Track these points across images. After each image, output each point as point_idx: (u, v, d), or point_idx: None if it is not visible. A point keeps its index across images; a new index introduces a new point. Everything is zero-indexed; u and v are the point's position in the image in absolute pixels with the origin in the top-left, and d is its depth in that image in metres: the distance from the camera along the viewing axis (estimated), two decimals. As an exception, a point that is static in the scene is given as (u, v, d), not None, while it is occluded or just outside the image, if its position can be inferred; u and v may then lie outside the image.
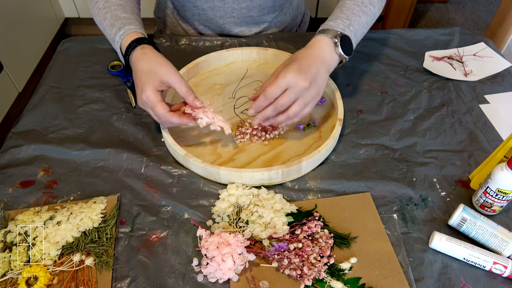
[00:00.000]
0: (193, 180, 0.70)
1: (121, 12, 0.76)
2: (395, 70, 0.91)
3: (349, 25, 0.73)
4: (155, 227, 0.64)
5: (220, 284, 0.57)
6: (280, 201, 0.65)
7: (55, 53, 0.97)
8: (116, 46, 0.74)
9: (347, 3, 0.77)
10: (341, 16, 0.74)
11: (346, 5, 0.76)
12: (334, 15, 0.75)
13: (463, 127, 0.79)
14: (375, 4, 0.79)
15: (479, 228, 0.60)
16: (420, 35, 1.01)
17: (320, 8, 2.24)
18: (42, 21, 2.10)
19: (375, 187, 0.69)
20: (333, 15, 0.76)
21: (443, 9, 2.64)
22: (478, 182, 0.68)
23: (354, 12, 0.75)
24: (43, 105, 0.83)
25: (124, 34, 0.72)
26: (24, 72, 1.92)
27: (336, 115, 0.77)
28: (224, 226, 0.62)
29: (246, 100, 0.83)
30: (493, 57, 0.94)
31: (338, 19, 0.73)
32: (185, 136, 0.76)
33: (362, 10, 0.76)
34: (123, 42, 0.72)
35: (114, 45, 0.75)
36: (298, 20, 1.10)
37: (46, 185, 0.69)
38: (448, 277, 0.58)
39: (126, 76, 0.88)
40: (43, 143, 0.75)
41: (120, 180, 0.70)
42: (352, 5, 0.76)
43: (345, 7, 0.76)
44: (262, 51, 0.90)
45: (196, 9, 0.95)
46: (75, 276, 0.58)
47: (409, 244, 0.62)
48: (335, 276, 0.57)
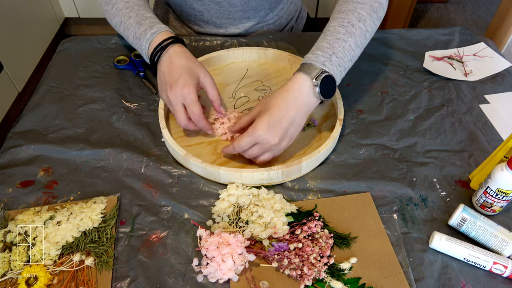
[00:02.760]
0: (193, 180, 0.70)
1: (145, 12, 0.78)
2: (395, 70, 0.91)
3: (331, 55, 0.66)
4: (155, 227, 0.64)
5: (220, 284, 0.57)
6: (280, 201, 0.65)
7: (55, 53, 0.97)
8: (143, 43, 0.74)
9: (331, 26, 0.70)
10: (323, 46, 0.67)
11: (330, 28, 0.70)
12: (317, 44, 0.69)
13: (463, 127, 0.79)
14: (366, 19, 0.70)
15: (479, 228, 0.60)
16: (420, 35, 1.01)
17: (320, 8, 2.24)
18: (42, 21, 2.10)
19: (375, 187, 0.69)
20: (317, 43, 0.69)
21: (443, 9, 2.64)
22: (478, 182, 0.68)
23: (338, 36, 0.68)
24: (43, 105, 0.83)
25: (157, 32, 0.73)
26: (24, 72, 1.92)
27: (336, 115, 0.77)
28: (224, 226, 0.62)
29: (246, 100, 0.83)
30: (493, 57, 0.94)
31: (319, 49, 0.67)
32: (185, 136, 0.76)
33: (348, 31, 0.68)
34: (156, 38, 0.73)
35: (139, 42, 0.75)
36: (294, 16, 1.10)
37: (46, 185, 0.69)
38: (448, 277, 0.58)
39: (137, 68, 0.90)
40: (43, 143, 0.75)
41: (120, 180, 0.70)
42: (337, 27, 0.69)
43: (329, 31, 0.69)
44: (262, 51, 0.90)
45: (193, 11, 0.96)
46: (75, 276, 0.58)
47: (409, 244, 0.62)
48: (335, 276, 0.57)
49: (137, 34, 0.75)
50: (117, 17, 0.79)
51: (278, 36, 0.99)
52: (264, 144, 0.65)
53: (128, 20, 0.77)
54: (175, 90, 0.68)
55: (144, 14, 0.77)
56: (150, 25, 0.74)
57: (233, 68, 0.90)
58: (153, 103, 0.84)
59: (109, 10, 0.81)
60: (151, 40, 0.73)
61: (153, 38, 0.73)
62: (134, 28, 0.75)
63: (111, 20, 0.82)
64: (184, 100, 0.69)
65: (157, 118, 0.79)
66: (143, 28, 0.74)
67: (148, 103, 0.84)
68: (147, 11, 0.78)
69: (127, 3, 0.78)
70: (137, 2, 0.79)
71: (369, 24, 0.71)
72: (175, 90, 0.68)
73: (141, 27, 0.75)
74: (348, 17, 0.70)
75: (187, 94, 0.68)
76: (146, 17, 0.76)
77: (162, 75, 0.71)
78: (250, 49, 0.91)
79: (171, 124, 0.78)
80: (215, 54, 0.89)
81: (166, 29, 0.74)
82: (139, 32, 0.75)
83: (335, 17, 0.71)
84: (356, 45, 0.70)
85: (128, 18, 0.77)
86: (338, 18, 0.71)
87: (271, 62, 0.92)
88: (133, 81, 0.89)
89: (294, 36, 1.00)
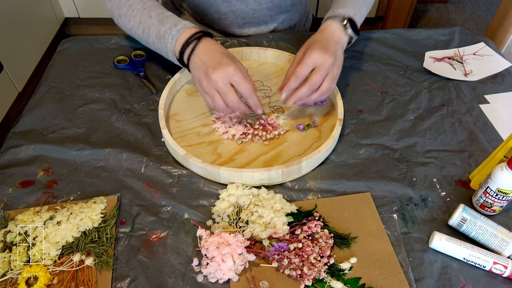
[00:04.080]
0: (193, 180, 0.70)
1: (165, 10, 0.77)
2: (395, 70, 0.91)
3: (355, 14, 0.78)
4: (155, 227, 0.64)
5: (220, 284, 0.57)
6: (280, 201, 0.65)
7: (55, 53, 0.97)
8: (168, 39, 0.73)
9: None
10: (347, 5, 0.78)
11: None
12: (340, 3, 0.79)
13: (463, 127, 0.79)
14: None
15: (479, 228, 0.60)
16: (420, 35, 1.01)
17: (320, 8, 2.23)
18: (42, 21, 2.10)
19: (375, 187, 0.69)
20: (338, 3, 0.79)
21: (443, 9, 2.64)
22: (478, 182, 0.68)
23: (357, 3, 0.80)
24: (43, 105, 0.83)
25: (184, 27, 0.72)
26: (24, 72, 1.92)
27: (336, 115, 0.77)
28: (224, 226, 0.62)
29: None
30: (493, 55, 0.94)
31: (346, 7, 0.78)
32: (185, 136, 0.76)
33: (363, 2, 0.81)
34: (185, 33, 0.71)
35: (163, 40, 0.74)
36: (304, 18, 1.12)
37: (46, 185, 0.69)
38: (448, 277, 0.58)
39: (137, 68, 0.90)
40: (43, 143, 0.75)
41: (120, 180, 0.70)
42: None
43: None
44: (262, 51, 0.90)
45: (218, 14, 0.96)
46: (75, 276, 0.58)
47: (409, 244, 0.62)
48: (335, 276, 0.57)
49: (161, 32, 0.74)
50: (135, 18, 0.77)
51: (278, 36, 0.99)
52: (323, 64, 0.69)
53: (149, 19, 0.75)
54: (220, 69, 0.66)
55: (164, 13, 0.76)
56: (174, 22, 0.73)
57: (233, 68, 0.90)
58: (153, 103, 0.84)
59: (124, 13, 0.79)
60: (178, 36, 0.72)
61: (180, 35, 0.71)
62: (157, 27, 0.74)
63: (126, 23, 0.80)
64: (232, 77, 0.66)
65: (157, 118, 0.79)
66: (167, 26, 0.73)
67: (148, 103, 0.84)
68: (166, 11, 0.77)
69: (145, 4, 0.77)
70: (155, 3, 0.78)
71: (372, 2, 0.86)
72: (220, 69, 0.66)
73: (165, 25, 0.73)
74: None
75: (234, 70, 0.66)
76: (167, 15, 0.75)
77: (200, 62, 0.69)
78: (250, 49, 0.91)
79: (171, 124, 0.78)
80: (215, 54, 0.88)
81: (191, 25, 0.73)
82: (163, 30, 0.73)
83: None
84: (366, 14, 0.84)
85: (149, 18, 0.76)
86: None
87: (271, 62, 0.92)
88: (133, 81, 0.89)
89: (294, 36, 1.00)
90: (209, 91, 0.68)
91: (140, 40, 0.80)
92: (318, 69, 0.69)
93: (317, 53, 0.69)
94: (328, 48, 0.70)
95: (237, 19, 0.97)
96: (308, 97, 0.71)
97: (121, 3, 0.80)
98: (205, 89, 0.69)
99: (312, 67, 0.69)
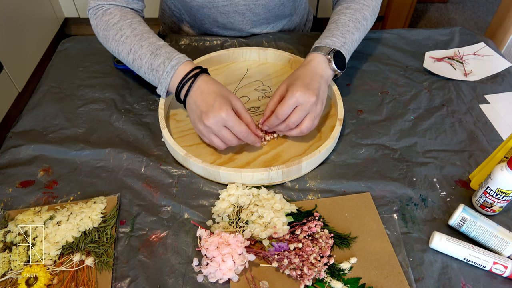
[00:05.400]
0: (193, 180, 0.70)
1: (157, 39, 0.74)
2: (395, 70, 0.91)
3: (344, 43, 0.76)
4: (155, 227, 0.64)
5: (220, 284, 0.57)
6: (280, 201, 0.65)
7: (55, 53, 0.97)
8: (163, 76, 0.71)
9: (342, 19, 0.79)
10: (337, 34, 0.77)
11: (341, 21, 0.79)
12: (330, 32, 0.78)
13: (463, 127, 0.79)
14: (368, 19, 0.82)
15: (479, 228, 0.60)
16: (420, 35, 1.01)
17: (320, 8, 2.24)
18: (42, 21, 2.10)
19: (375, 187, 0.69)
20: (329, 31, 0.78)
21: (443, 9, 2.64)
22: (478, 182, 0.68)
23: (349, 29, 0.78)
24: (43, 105, 0.83)
25: (179, 63, 0.70)
26: (24, 72, 1.92)
27: (336, 115, 0.77)
28: (224, 226, 0.62)
29: (247, 100, 0.83)
30: (493, 55, 0.94)
31: (334, 36, 0.77)
32: (185, 136, 0.76)
33: (356, 26, 0.79)
34: (180, 69, 0.70)
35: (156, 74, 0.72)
36: (305, 19, 1.12)
37: (46, 185, 0.69)
38: (448, 277, 0.58)
39: None
40: (43, 143, 0.75)
41: (120, 180, 0.70)
42: (347, 21, 0.79)
43: (341, 23, 0.79)
44: (262, 51, 0.90)
45: (216, 23, 0.97)
46: (75, 276, 0.58)
47: (409, 244, 0.62)
48: (335, 276, 0.57)
49: (154, 66, 0.71)
50: (124, 45, 0.74)
51: (278, 36, 0.99)
52: (304, 104, 0.68)
53: (140, 49, 0.73)
54: (213, 114, 0.65)
55: (156, 43, 0.73)
56: (168, 56, 0.71)
57: (233, 68, 0.90)
58: (153, 103, 0.84)
59: (111, 35, 0.76)
60: (173, 74, 0.70)
61: (175, 71, 0.70)
62: (149, 60, 0.72)
63: (114, 47, 0.77)
64: (225, 122, 0.66)
65: (157, 118, 0.79)
66: (160, 60, 0.71)
67: (148, 103, 0.84)
68: (158, 39, 0.74)
69: (135, 30, 0.75)
70: (145, 28, 0.76)
71: (369, 24, 0.84)
72: (213, 114, 0.65)
73: (158, 59, 0.71)
74: (356, 14, 0.81)
75: (227, 115, 0.65)
76: (160, 45, 0.73)
77: (194, 105, 0.68)
78: (250, 49, 0.91)
79: (171, 124, 0.78)
80: (215, 54, 0.89)
81: (186, 59, 0.71)
82: (156, 64, 0.71)
83: (344, 12, 0.81)
84: (359, 39, 0.82)
85: (140, 48, 0.73)
86: (347, 13, 0.81)
87: (271, 62, 0.92)
88: (133, 81, 0.89)
89: (294, 36, 1.00)
90: (205, 134, 0.68)
91: (129, 66, 0.78)
92: (299, 108, 0.68)
93: (299, 93, 0.67)
94: (311, 86, 0.69)
95: (235, 30, 0.98)
96: (289, 132, 0.71)
97: (108, 24, 0.77)
98: (201, 132, 0.69)
99: (293, 107, 0.68)
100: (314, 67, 0.73)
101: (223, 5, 0.90)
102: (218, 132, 0.67)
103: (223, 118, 0.65)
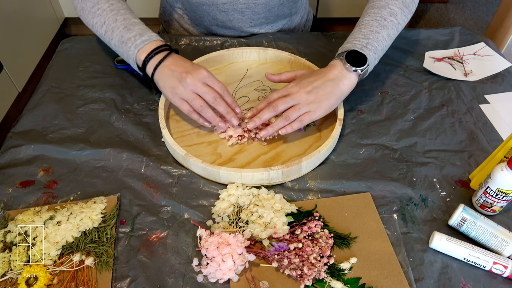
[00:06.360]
0: (193, 180, 0.70)
1: (132, 16, 0.77)
2: (395, 70, 0.91)
3: (367, 44, 0.74)
4: (155, 227, 0.64)
5: (220, 284, 0.57)
6: (280, 201, 0.65)
7: (55, 53, 0.97)
8: (131, 48, 0.73)
9: (365, 20, 0.78)
10: (358, 37, 0.75)
11: (364, 23, 0.77)
12: (352, 36, 0.76)
13: (463, 127, 0.79)
14: (398, 13, 0.78)
15: (479, 228, 0.60)
16: (420, 35, 1.01)
17: (320, 8, 2.23)
18: (42, 21, 2.10)
19: (375, 187, 0.69)
20: (351, 36, 0.77)
21: (443, 9, 2.64)
22: (478, 182, 0.68)
23: (372, 29, 0.75)
24: (43, 105, 0.83)
25: (150, 39, 0.73)
26: (24, 72, 1.92)
27: (336, 115, 0.77)
28: (224, 226, 0.62)
29: (247, 100, 0.83)
30: (493, 55, 0.94)
31: (355, 40, 0.75)
32: (185, 136, 0.76)
33: (381, 24, 0.76)
34: (151, 44, 0.73)
35: (124, 46, 0.74)
36: (304, 19, 1.12)
37: (46, 185, 0.69)
38: (448, 277, 0.58)
39: None
40: (43, 143, 0.75)
41: (120, 180, 0.70)
42: (371, 21, 0.76)
43: (363, 25, 0.77)
44: (262, 51, 0.90)
45: (215, 21, 0.97)
46: (75, 276, 0.58)
47: (409, 244, 0.62)
48: (335, 276, 0.57)
49: (124, 38, 0.74)
50: (99, 17, 0.77)
51: (278, 36, 0.99)
52: (294, 94, 0.69)
53: (114, 23, 0.75)
54: (195, 72, 0.69)
55: (131, 19, 0.76)
56: (141, 32, 0.74)
57: (233, 68, 0.90)
58: (153, 103, 0.84)
59: (87, 7, 0.78)
60: (142, 46, 0.72)
61: (145, 45, 0.72)
62: (121, 32, 0.74)
63: (89, 19, 0.79)
64: (206, 79, 0.70)
65: (157, 118, 0.79)
66: (132, 34, 0.73)
67: (148, 103, 0.84)
68: (134, 17, 0.77)
69: (112, 6, 0.77)
70: (122, 6, 0.78)
71: (401, 18, 0.79)
72: (195, 72, 0.69)
73: (130, 33, 0.74)
74: (380, 12, 0.77)
75: (207, 73, 0.70)
76: (135, 22, 0.76)
77: (170, 71, 0.71)
78: (250, 49, 0.91)
79: (171, 124, 0.78)
80: (215, 54, 0.89)
81: (158, 38, 0.74)
82: (126, 37, 0.73)
83: (368, 12, 0.79)
84: (389, 36, 0.77)
85: (114, 21, 0.75)
86: (371, 13, 0.78)
87: (271, 62, 0.92)
88: (133, 81, 0.89)
89: (294, 36, 1.00)
90: (186, 95, 0.70)
91: (102, 39, 0.80)
92: (288, 96, 0.70)
93: (292, 84, 0.71)
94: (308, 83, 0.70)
95: (234, 28, 0.98)
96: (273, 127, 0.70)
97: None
98: (181, 95, 0.70)
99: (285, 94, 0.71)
100: (323, 71, 0.73)
101: (222, 3, 0.91)
102: (200, 89, 0.69)
103: (205, 75, 0.69)
